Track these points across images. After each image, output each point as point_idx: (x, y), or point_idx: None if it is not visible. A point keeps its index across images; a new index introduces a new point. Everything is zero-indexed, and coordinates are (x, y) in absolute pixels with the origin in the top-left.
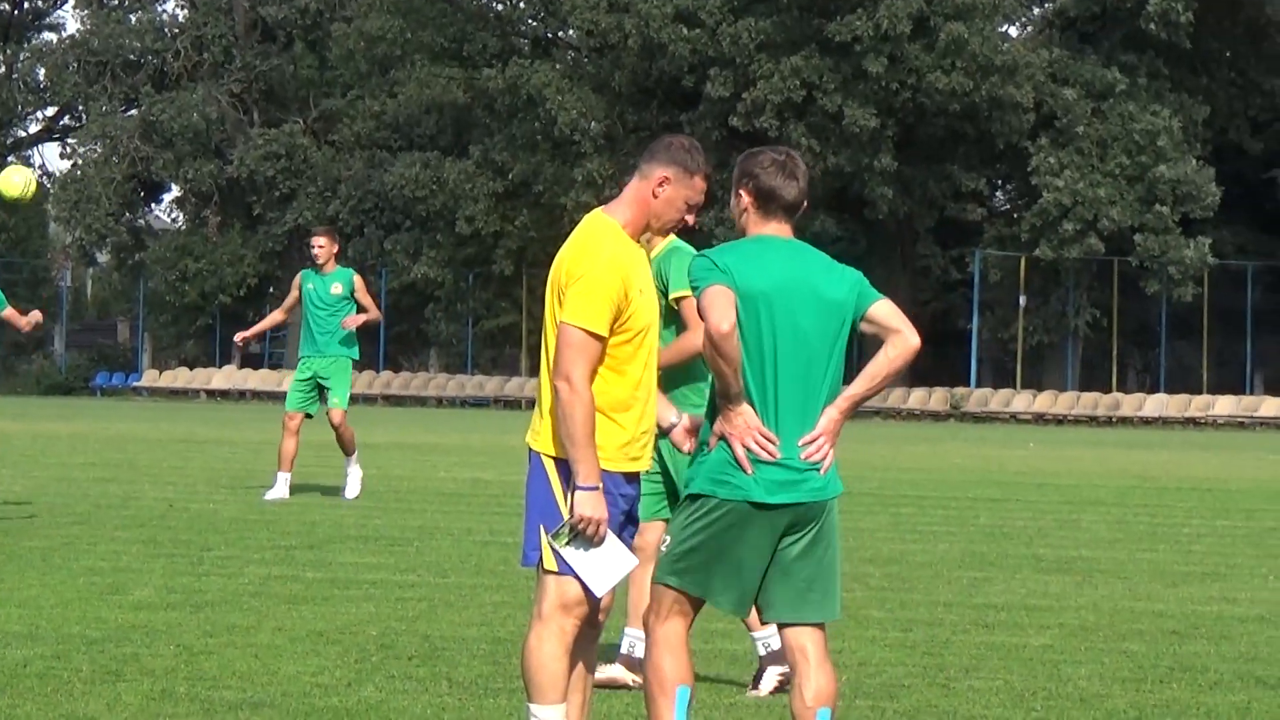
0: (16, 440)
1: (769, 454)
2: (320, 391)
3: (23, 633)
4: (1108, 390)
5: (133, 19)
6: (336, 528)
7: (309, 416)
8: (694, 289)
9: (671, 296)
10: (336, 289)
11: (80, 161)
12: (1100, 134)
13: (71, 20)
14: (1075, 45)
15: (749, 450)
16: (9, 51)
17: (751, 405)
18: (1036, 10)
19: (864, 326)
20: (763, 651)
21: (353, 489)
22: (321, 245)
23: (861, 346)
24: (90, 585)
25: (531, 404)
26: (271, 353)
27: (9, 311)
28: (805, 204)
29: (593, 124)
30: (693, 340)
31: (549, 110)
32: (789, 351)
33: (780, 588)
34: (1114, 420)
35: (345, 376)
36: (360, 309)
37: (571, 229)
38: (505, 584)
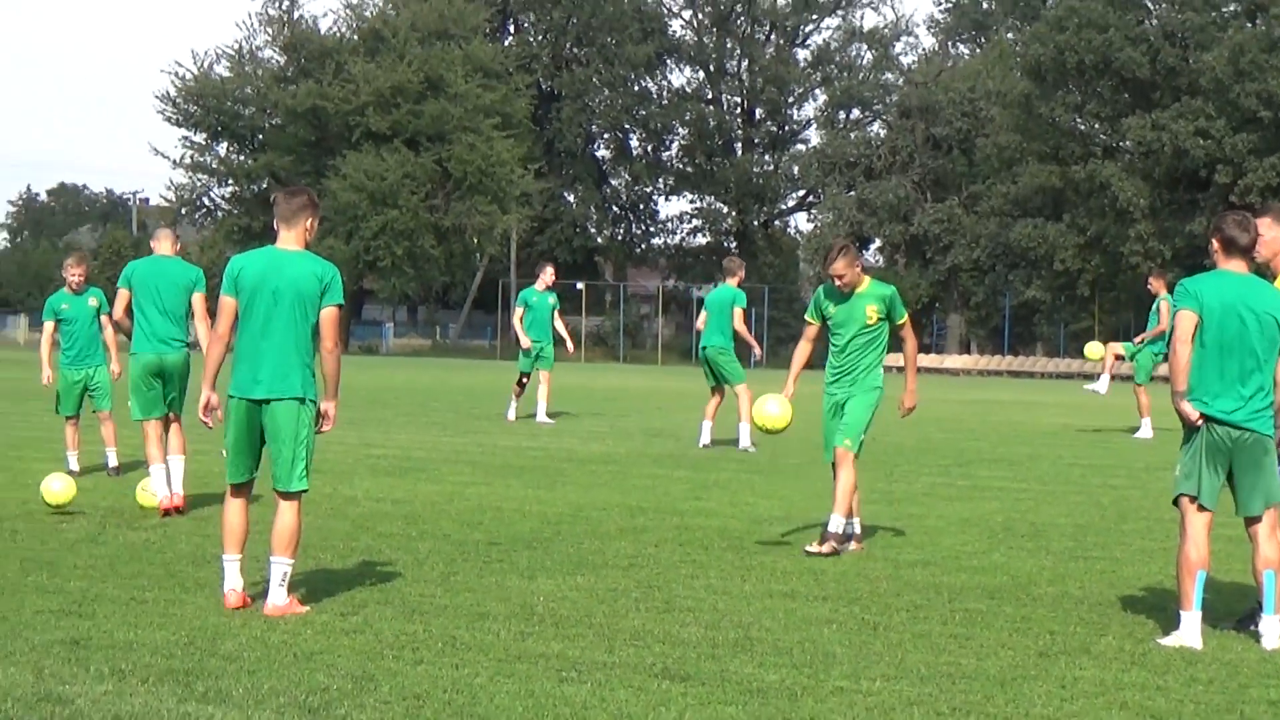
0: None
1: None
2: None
3: (779, 515)
4: None
5: (851, 135)
6: (977, 453)
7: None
8: (1174, 309)
9: None
10: None
11: (818, 225)
12: None
13: (814, 136)
14: None
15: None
16: (777, 156)
17: (1213, 379)
18: None
19: None
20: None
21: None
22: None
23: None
24: (817, 490)
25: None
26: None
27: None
28: (1257, 249)
29: (1141, 200)
30: None
31: (1113, 192)
32: (1232, 346)
33: (1238, 490)
34: None
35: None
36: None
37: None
38: (1083, 490)
